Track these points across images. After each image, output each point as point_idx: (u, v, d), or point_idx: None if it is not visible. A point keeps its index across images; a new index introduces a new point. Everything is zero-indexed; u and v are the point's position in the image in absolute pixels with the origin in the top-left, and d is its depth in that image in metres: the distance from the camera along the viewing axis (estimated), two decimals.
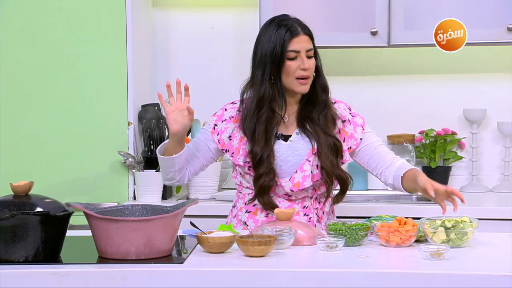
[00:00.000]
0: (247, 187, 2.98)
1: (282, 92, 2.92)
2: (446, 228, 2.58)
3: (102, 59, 3.80)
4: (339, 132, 2.97)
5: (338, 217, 3.11)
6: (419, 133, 4.15)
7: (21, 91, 3.80)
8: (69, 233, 2.49)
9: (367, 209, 3.66)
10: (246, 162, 2.93)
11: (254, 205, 2.97)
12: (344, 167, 4.17)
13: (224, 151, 2.99)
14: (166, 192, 3.89)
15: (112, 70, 3.80)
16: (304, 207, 2.95)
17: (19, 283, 2.30)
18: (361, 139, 2.98)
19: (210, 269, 2.33)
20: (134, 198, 3.84)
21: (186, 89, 2.85)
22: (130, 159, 3.77)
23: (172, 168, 2.93)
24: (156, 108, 3.92)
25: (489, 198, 3.98)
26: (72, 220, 2.50)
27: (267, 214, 2.95)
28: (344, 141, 2.97)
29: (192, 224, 2.73)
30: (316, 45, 3.95)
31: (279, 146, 2.94)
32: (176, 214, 2.45)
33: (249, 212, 2.98)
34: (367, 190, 4.17)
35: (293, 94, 2.95)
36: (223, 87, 4.14)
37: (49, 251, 2.41)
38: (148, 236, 2.39)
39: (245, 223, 2.97)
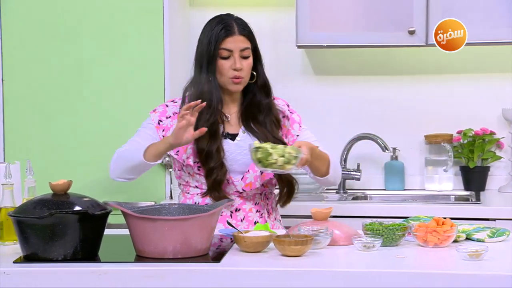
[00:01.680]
0: (196, 187, 2.96)
1: (219, 90, 2.90)
2: (256, 148, 2.65)
3: (140, 59, 3.82)
4: (281, 128, 2.98)
5: (375, 217, 3.09)
6: (457, 132, 4.12)
7: (58, 91, 3.83)
8: (106, 231, 2.51)
9: (404, 209, 3.64)
10: (195, 162, 2.90)
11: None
12: (380, 166, 4.18)
13: None
14: None
15: (149, 70, 3.82)
16: (255, 203, 2.95)
17: (57, 282, 2.32)
18: (297, 135, 2.99)
19: (246, 269, 2.33)
20: (171, 198, 3.85)
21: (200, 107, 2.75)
22: (167, 159, 3.78)
23: (142, 172, 2.90)
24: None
25: None
26: (110, 219, 2.52)
27: None
28: (286, 138, 2.97)
29: (228, 223, 2.74)
30: (353, 44, 3.97)
31: (227, 146, 2.92)
32: (212, 213, 2.46)
33: None
34: (404, 190, 4.15)
35: (230, 93, 2.94)
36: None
37: (87, 249, 2.42)
38: (185, 235, 2.40)
39: None
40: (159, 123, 2.95)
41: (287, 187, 2.97)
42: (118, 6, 3.81)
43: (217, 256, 2.44)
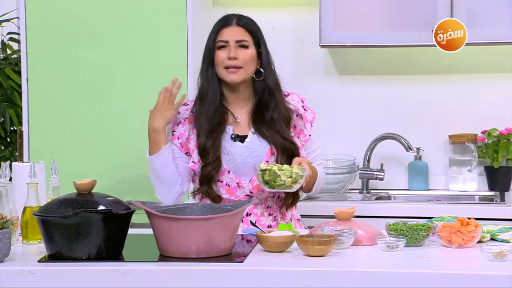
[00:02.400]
0: None
1: (217, 83, 2.91)
2: (262, 170, 2.68)
3: (163, 59, 3.82)
4: (294, 127, 2.96)
5: (398, 217, 3.08)
6: (482, 132, 4.10)
7: (83, 90, 3.85)
8: (130, 231, 2.52)
9: (428, 209, 3.63)
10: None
11: None
12: (403, 166, 4.16)
13: (188, 154, 2.95)
14: None
15: (172, 70, 3.82)
16: (267, 207, 2.94)
17: (81, 281, 2.33)
18: (310, 135, 2.98)
19: (270, 268, 2.33)
20: (194, 197, 3.85)
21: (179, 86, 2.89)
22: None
23: (162, 173, 2.90)
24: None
25: None
26: (134, 218, 2.53)
27: None
28: (298, 137, 2.96)
29: (252, 223, 2.74)
30: (377, 43, 3.96)
31: (237, 149, 2.91)
32: (236, 213, 2.46)
33: None
34: (428, 190, 4.13)
35: (236, 90, 2.93)
36: (283, 87, 4.14)
37: (111, 249, 2.43)
38: (208, 235, 2.40)
39: None
40: (173, 134, 2.97)
41: (293, 194, 2.93)
42: (142, 6, 3.82)
43: (240, 256, 2.44)
